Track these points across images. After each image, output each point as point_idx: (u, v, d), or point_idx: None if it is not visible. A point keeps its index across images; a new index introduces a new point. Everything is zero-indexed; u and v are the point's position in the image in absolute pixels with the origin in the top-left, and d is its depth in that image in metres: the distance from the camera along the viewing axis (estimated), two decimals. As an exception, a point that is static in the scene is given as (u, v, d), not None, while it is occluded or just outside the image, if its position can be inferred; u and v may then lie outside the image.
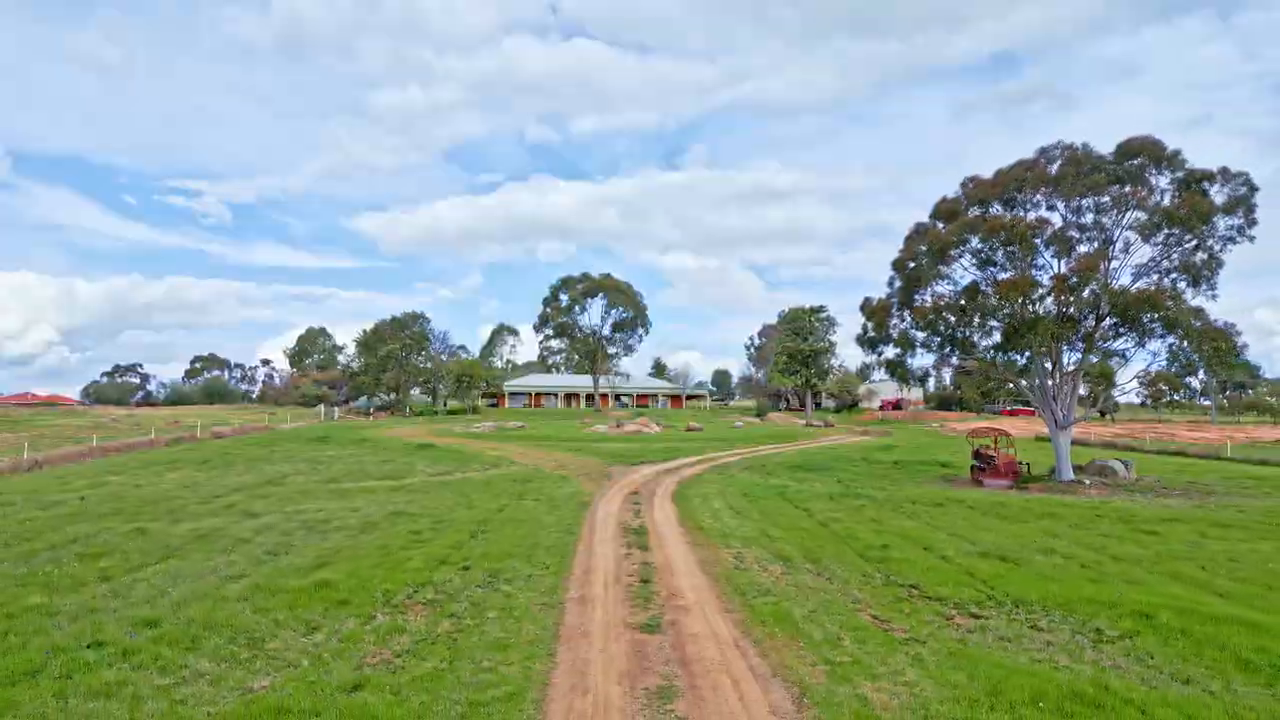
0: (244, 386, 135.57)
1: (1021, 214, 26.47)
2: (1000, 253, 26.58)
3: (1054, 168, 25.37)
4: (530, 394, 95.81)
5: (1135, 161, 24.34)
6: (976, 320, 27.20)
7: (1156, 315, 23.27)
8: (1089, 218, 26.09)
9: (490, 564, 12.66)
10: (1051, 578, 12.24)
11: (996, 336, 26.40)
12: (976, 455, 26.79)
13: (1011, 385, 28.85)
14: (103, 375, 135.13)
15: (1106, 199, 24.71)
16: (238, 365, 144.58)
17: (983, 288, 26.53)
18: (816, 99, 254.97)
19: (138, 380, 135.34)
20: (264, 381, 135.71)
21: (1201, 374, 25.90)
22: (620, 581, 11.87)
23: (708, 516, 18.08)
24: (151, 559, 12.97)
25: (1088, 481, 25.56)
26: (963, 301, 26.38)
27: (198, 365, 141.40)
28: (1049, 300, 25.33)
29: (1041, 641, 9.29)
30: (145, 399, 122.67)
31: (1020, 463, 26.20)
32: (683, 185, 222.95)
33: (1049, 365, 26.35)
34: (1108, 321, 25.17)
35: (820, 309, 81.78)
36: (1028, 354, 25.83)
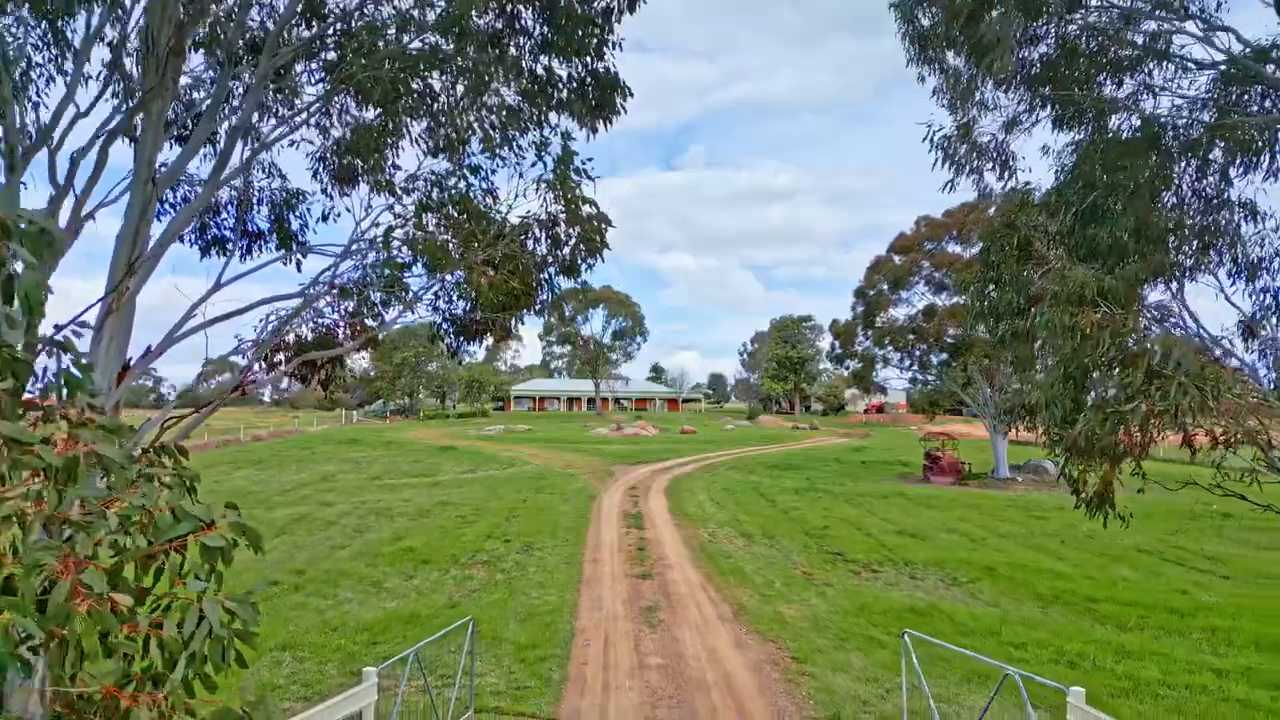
0: (256, 389, 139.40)
1: (969, 248, 30.81)
2: (952, 280, 30.95)
3: (992, 210, 29.66)
4: (535, 398, 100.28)
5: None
6: (931, 340, 31.52)
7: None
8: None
9: (524, 538, 16.89)
10: (941, 547, 16.52)
11: (944, 355, 30.71)
12: (928, 456, 31.09)
13: (957, 394, 33.08)
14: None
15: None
16: (246, 367, 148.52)
17: (937, 311, 30.86)
18: (816, 99, 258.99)
19: (150, 383, 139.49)
20: (273, 386, 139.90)
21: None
22: (622, 550, 16.12)
23: (693, 506, 22.31)
24: (269, 535, 17.20)
25: (1020, 479, 29.89)
26: (916, 324, 30.68)
27: (209, 368, 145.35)
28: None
29: (912, 585, 13.58)
30: (157, 401, 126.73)
31: (963, 463, 30.48)
32: (682, 185, 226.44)
33: (988, 379, 30.66)
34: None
35: (808, 318, 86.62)
36: (968, 369, 30.13)
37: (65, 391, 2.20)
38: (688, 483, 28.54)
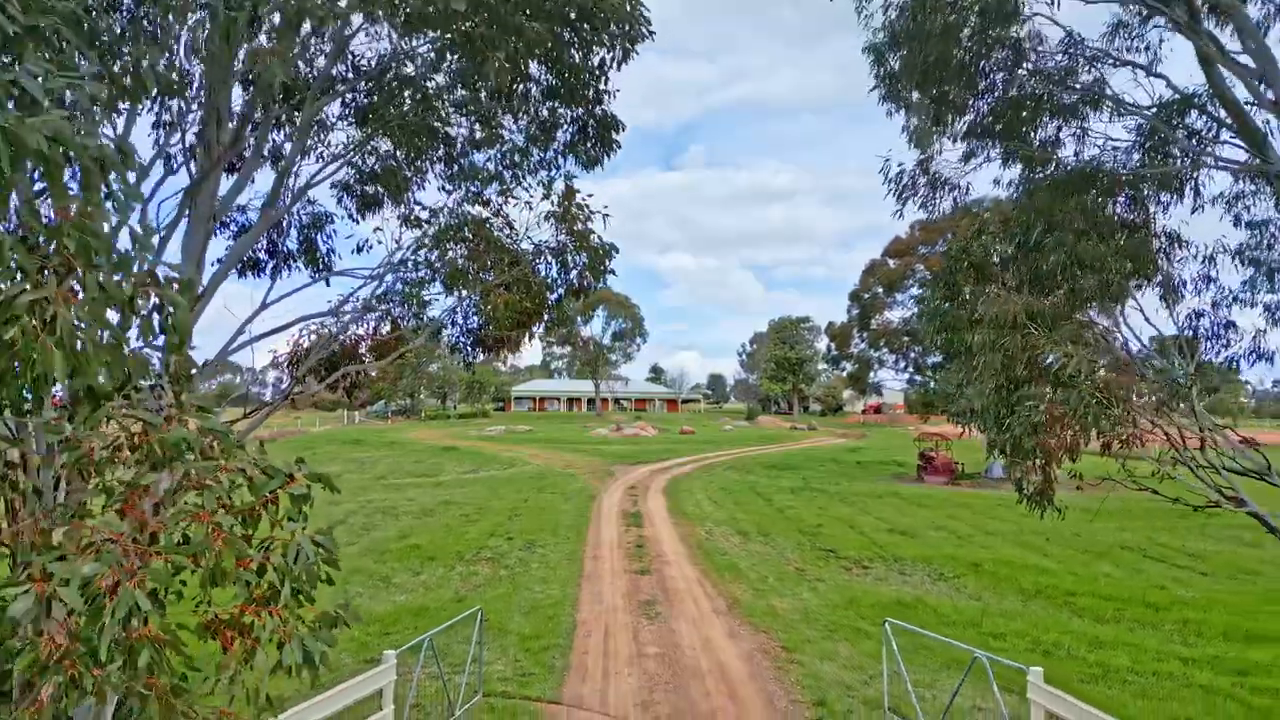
0: (255, 389, 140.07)
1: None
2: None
3: (985, 215, 30.26)
4: (535, 399, 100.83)
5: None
6: (925, 342, 32.08)
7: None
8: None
9: (527, 536, 17.42)
10: (930, 544, 17.06)
11: (939, 357, 31.26)
12: (922, 456, 31.64)
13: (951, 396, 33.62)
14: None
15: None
16: (248, 369, 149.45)
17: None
18: (816, 99, 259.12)
19: (151, 384, 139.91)
20: (274, 385, 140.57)
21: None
22: (622, 547, 16.66)
23: (690, 505, 22.85)
24: (280, 533, 17.77)
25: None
26: (910, 326, 31.24)
27: (208, 369, 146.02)
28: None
29: (900, 580, 14.13)
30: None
31: (956, 463, 31.03)
32: (682, 185, 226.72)
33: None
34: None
35: (806, 319, 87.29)
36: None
37: (179, 381, 2.79)
38: (686, 482, 29.07)
